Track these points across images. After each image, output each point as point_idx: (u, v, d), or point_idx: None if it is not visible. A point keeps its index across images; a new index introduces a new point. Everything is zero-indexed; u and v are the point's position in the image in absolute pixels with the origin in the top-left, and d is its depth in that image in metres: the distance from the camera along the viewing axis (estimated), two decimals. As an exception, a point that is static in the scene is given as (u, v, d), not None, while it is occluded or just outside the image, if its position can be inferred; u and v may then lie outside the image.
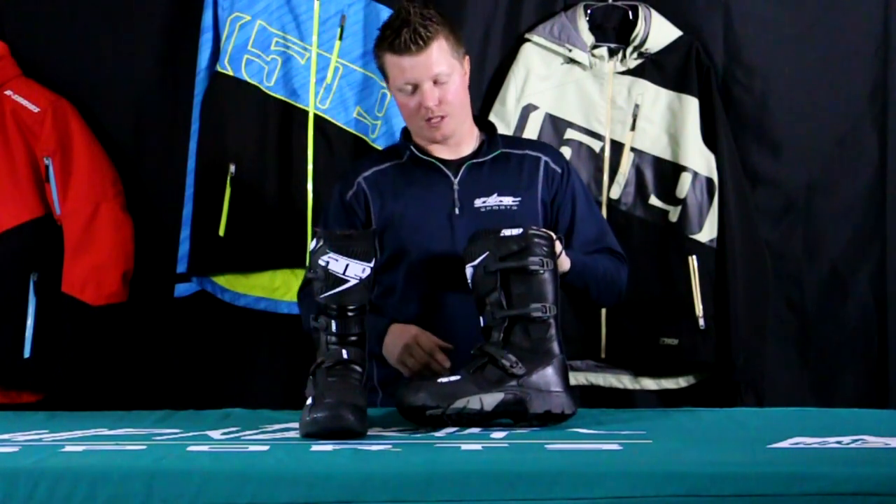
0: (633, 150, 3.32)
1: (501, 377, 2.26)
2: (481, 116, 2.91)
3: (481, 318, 2.34)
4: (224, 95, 3.28)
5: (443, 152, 2.69)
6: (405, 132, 2.73)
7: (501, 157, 2.71)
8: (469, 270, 2.35)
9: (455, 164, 2.68)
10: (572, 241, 2.66)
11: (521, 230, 2.32)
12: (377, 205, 2.67)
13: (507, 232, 2.32)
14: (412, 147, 2.69)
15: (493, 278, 2.31)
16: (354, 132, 3.30)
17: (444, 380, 2.26)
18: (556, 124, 3.34)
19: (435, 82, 2.60)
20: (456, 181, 2.66)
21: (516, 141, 2.90)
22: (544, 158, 2.73)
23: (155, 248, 3.37)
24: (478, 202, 2.65)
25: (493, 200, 2.65)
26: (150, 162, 3.41)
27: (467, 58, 2.69)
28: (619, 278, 2.71)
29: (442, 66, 2.59)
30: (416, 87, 2.61)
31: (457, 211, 2.64)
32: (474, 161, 2.68)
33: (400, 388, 2.28)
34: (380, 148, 3.24)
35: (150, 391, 3.35)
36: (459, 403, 2.22)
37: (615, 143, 3.33)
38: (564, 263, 2.50)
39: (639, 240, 3.29)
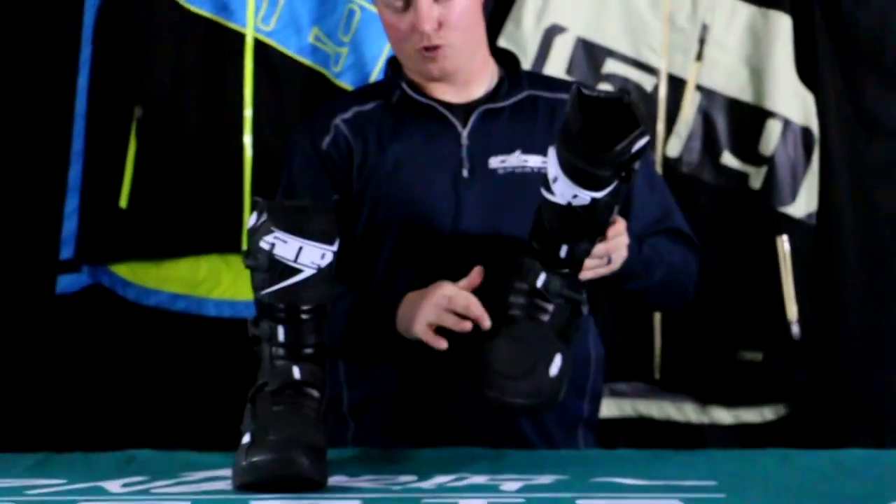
0: (698, 88, 3.34)
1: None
2: (496, 45, 2.90)
3: (560, 247, 2.40)
4: (128, 12, 3.29)
5: (446, 93, 2.68)
6: (393, 64, 2.72)
7: (527, 102, 2.70)
8: (586, 196, 2.34)
9: (463, 110, 2.67)
10: (628, 222, 2.63)
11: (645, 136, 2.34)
12: (359, 157, 2.66)
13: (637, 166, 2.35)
14: (404, 85, 2.69)
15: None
16: (310, 64, 3.32)
17: (555, 370, 2.38)
18: (591, 53, 3.36)
19: (435, -1, 2.59)
20: (465, 133, 2.66)
21: (548, 81, 2.88)
22: None
23: (29, 225, 3.38)
24: (494, 162, 2.64)
25: (515, 160, 2.64)
26: (22, 103, 3.42)
27: None
28: (689, 274, 2.71)
29: None
30: (408, 2, 2.60)
31: (465, 173, 2.64)
32: (490, 106, 2.67)
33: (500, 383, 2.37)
34: (346, 86, 3.26)
35: (23, 421, 3.36)
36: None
37: (674, 78, 3.35)
38: (617, 261, 2.52)
39: (706, 214, 3.32)
